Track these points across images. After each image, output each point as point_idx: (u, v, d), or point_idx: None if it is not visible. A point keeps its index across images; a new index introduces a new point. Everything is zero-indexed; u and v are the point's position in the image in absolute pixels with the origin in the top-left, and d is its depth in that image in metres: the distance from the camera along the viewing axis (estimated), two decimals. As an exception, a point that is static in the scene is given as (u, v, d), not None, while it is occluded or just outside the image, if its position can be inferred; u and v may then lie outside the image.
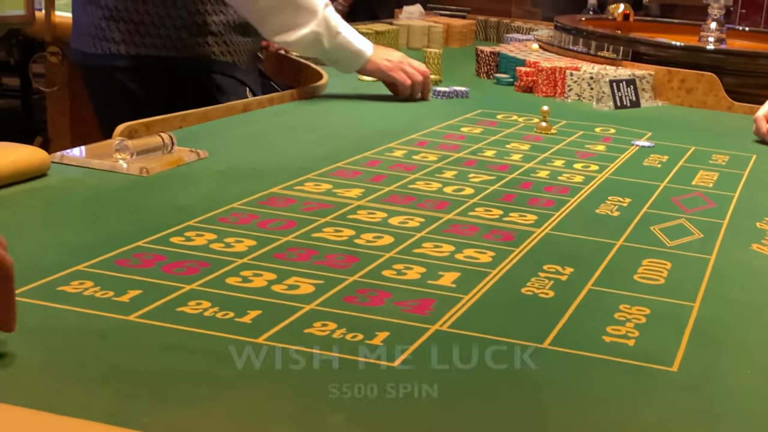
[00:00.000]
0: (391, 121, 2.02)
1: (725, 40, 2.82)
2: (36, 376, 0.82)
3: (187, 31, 2.10)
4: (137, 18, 2.08)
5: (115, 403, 0.79)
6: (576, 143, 1.92)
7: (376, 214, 1.33)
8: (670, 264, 1.22)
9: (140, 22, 2.08)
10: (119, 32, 2.08)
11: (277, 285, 1.05)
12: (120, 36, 2.09)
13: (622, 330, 1.00)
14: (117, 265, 1.07)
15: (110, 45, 2.09)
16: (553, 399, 0.85)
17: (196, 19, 2.10)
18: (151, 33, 2.08)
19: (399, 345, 0.92)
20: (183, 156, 1.52)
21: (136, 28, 2.08)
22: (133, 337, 0.91)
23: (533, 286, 1.11)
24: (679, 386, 0.90)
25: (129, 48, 2.09)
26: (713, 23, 2.81)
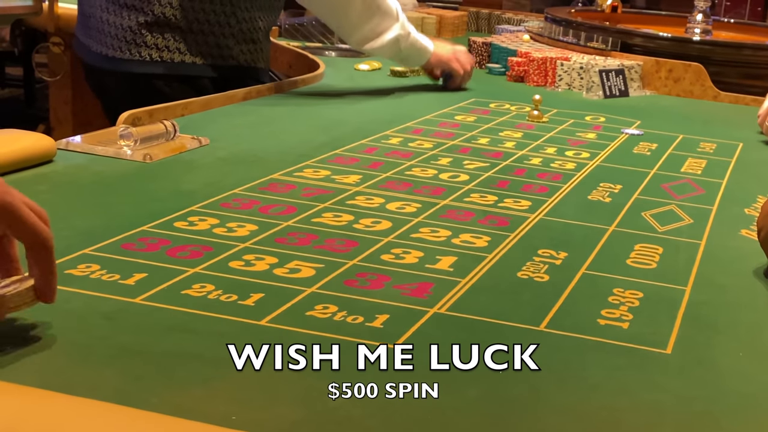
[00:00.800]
0: (386, 109, 2.01)
1: (711, 32, 2.81)
2: (45, 357, 0.81)
3: (234, 39, 2.01)
4: (185, 25, 1.95)
5: (123, 383, 0.78)
6: (567, 131, 1.91)
7: (374, 200, 1.32)
8: (662, 249, 1.22)
9: (188, 30, 1.96)
10: (162, 39, 1.95)
11: (279, 269, 1.04)
12: (163, 42, 1.95)
13: (617, 313, 1.00)
14: (123, 249, 1.06)
15: (150, 51, 1.96)
16: (550, 381, 0.85)
17: (243, 26, 2.02)
18: (198, 41, 1.97)
19: (398, 327, 0.91)
20: (185, 143, 1.51)
21: (183, 35, 1.96)
22: (139, 319, 0.90)
23: (528, 270, 1.10)
24: (672, 368, 0.89)
25: (173, 55, 1.96)
26: (699, 15, 2.80)
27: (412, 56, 2.23)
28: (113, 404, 0.72)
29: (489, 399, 0.81)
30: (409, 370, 0.83)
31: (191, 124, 1.65)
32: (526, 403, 0.81)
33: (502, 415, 0.79)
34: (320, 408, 0.77)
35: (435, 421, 0.77)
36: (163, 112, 1.65)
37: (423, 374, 0.83)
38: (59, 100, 3.31)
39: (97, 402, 0.72)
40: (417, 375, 0.82)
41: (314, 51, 2.63)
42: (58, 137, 1.47)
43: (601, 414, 0.80)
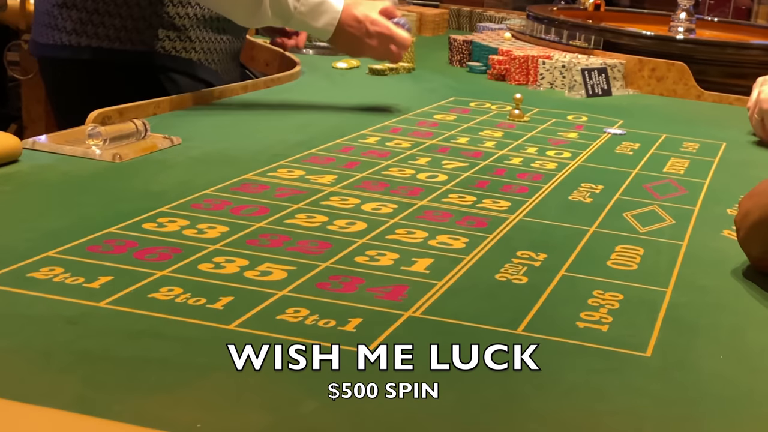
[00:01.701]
0: (364, 108, 2.00)
1: (695, 30, 2.81)
2: (3, 364, 0.80)
3: (145, 23, 1.91)
4: (91, 6, 1.88)
5: (85, 390, 0.76)
6: (549, 131, 1.90)
7: (349, 201, 1.31)
8: (643, 250, 1.21)
9: (94, 11, 1.88)
10: (71, 21, 1.89)
11: (250, 271, 1.03)
12: (71, 25, 1.90)
13: (596, 315, 0.99)
14: (88, 252, 1.05)
15: (61, 35, 1.91)
16: (527, 386, 0.84)
17: (156, 9, 1.91)
18: (105, 23, 1.89)
19: (372, 331, 0.90)
20: (156, 142, 1.50)
21: (89, 17, 1.89)
22: (104, 324, 0.88)
23: (507, 272, 1.09)
24: (652, 372, 0.88)
25: (80, 39, 1.90)
26: (683, 13, 2.80)
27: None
28: (72, 413, 0.70)
29: (465, 403, 0.80)
30: (382, 372, 0.82)
31: (163, 122, 1.64)
32: (501, 407, 0.80)
33: (476, 421, 0.78)
34: (290, 414, 0.76)
35: (410, 425, 0.75)
36: (134, 111, 1.64)
37: (396, 377, 0.81)
38: (32, 99, 3.29)
39: (55, 411, 0.71)
40: (389, 378, 0.81)
41: (292, 49, 2.61)
42: (31, 136, 1.45)
43: (579, 419, 0.79)
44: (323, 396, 0.78)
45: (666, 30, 2.82)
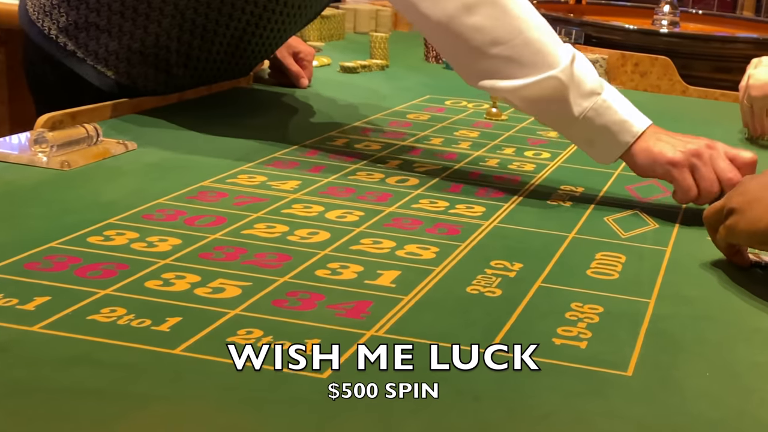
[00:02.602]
0: (334, 108, 1.95)
1: (679, 24, 2.78)
2: None
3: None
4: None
5: (13, 426, 0.71)
6: (527, 129, 1.86)
7: (313, 208, 1.25)
8: (625, 257, 1.16)
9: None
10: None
11: (201, 288, 0.97)
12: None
13: (574, 331, 0.94)
14: (25, 269, 0.99)
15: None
16: (499, 411, 0.78)
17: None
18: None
19: (328, 354, 0.84)
20: (109, 148, 1.44)
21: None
22: (36, 351, 0.83)
23: (479, 284, 1.04)
24: (633, 393, 0.83)
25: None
26: (666, 6, 2.78)
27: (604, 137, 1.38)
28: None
29: None
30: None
31: (119, 126, 1.58)
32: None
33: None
34: (235, 451, 0.70)
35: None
36: (89, 115, 1.57)
37: (357, 407, 0.76)
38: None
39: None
40: (350, 407, 0.76)
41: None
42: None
43: (555, 449, 0.74)
44: (277, 429, 0.73)
45: (649, 23, 2.79)
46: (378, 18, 3.09)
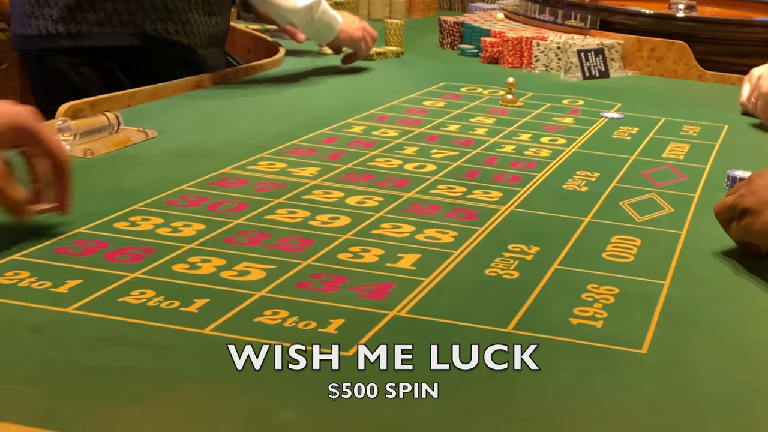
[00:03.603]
0: (349, 95, 1.99)
1: (695, 7, 2.80)
2: (-36, 376, 0.79)
3: (137, 3, 1.92)
4: None
5: (50, 403, 0.76)
6: (543, 116, 1.90)
7: (333, 194, 1.30)
8: (640, 240, 1.20)
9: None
10: (57, 9, 1.90)
11: (226, 271, 1.02)
12: (58, 13, 1.90)
13: (590, 311, 0.98)
14: (56, 254, 1.04)
15: (47, 24, 1.90)
16: (516, 387, 0.83)
17: None
18: (95, 7, 1.89)
19: (354, 332, 0.89)
20: (130, 136, 1.48)
21: (77, 2, 1.89)
22: (71, 331, 0.87)
23: (497, 266, 1.08)
24: (647, 370, 0.87)
25: (69, 26, 1.90)
26: (683, -11, 2.79)
27: (322, 30, 2.15)
28: (36, 428, 0.69)
29: (450, 408, 0.79)
30: (362, 377, 0.81)
31: (138, 115, 1.62)
32: (489, 412, 0.79)
33: (462, 424, 0.77)
34: (264, 424, 0.75)
35: None
36: (107, 103, 1.62)
37: (379, 383, 0.81)
38: (6, 90, 3.27)
39: (18, 426, 0.70)
40: (372, 384, 0.80)
41: (274, 34, 2.60)
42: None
43: (569, 421, 0.79)
44: (301, 403, 0.77)
45: (665, 8, 2.81)
46: (392, 4, 3.13)
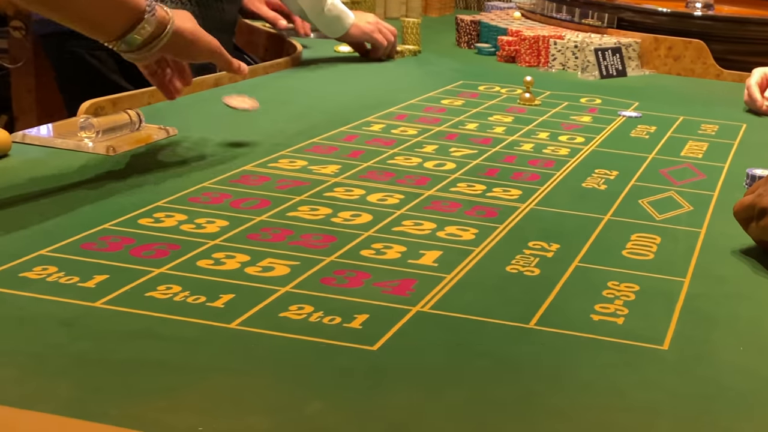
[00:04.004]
0: (367, 94, 2.01)
1: (713, 6, 2.81)
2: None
3: None
4: None
5: (80, 394, 0.77)
6: (561, 114, 1.91)
7: (354, 192, 1.31)
8: (660, 238, 1.21)
9: None
10: None
11: (251, 267, 1.04)
12: None
13: (611, 308, 0.99)
14: (82, 249, 1.06)
15: None
16: (540, 382, 0.84)
17: None
18: None
19: (379, 328, 0.91)
20: (152, 134, 1.50)
21: None
22: (99, 325, 0.89)
23: (518, 263, 1.10)
24: (669, 366, 0.89)
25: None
26: (701, -12, 2.80)
27: (333, 22, 2.30)
28: (67, 418, 0.71)
29: (476, 401, 0.80)
30: (389, 370, 0.83)
31: (158, 113, 1.64)
32: (514, 404, 0.80)
33: (490, 419, 0.78)
34: (292, 417, 0.76)
35: (417, 426, 0.76)
36: (128, 101, 1.64)
37: (404, 377, 0.82)
38: (22, 89, 3.28)
39: (49, 416, 0.71)
40: (398, 377, 0.82)
41: (291, 33, 2.62)
42: (22, 128, 1.46)
43: (594, 415, 0.80)
44: (329, 396, 0.79)
45: (683, 6, 2.81)
46: (408, 2, 3.14)
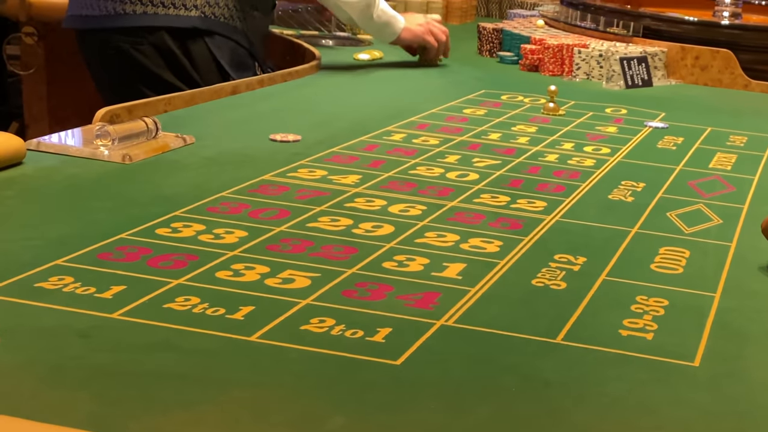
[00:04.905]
0: (388, 102, 2.01)
1: (741, 15, 2.80)
2: (12, 380, 0.80)
3: None
4: None
5: (99, 407, 0.77)
6: (586, 125, 1.91)
7: (375, 202, 1.31)
8: (689, 252, 1.21)
9: None
10: None
11: (271, 279, 1.04)
12: None
13: (640, 323, 0.99)
14: (99, 259, 1.06)
15: (107, 3, 2.01)
16: (567, 398, 0.84)
17: None
18: None
19: (402, 341, 0.90)
20: (168, 142, 1.51)
21: None
22: (117, 337, 0.89)
23: (544, 277, 1.10)
24: (700, 382, 0.88)
25: (133, 6, 2.00)
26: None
27: (383, 29, 2.34)
28: (86, 431, 0.71)
29: (501, 418, 0.80)
30: (413, 385, 0.83)
31: (175, 120, 1.65)
32: (541, 421, 0.80)
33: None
34: (316, 431, 0.76)
35: (441, 444, 0.76)
36: (144, 109, 1.65)
37: (428, 392, 0.82)
38: (33, 96, 3.30)
39: (67, 429, 0.71)
40: (422, 393, 0.82)
41: (310, 40, 2.63)
42: (34, 135, 1.47)
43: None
44: (351, 411, 0.79)
45: (710, 15, 2.81)
46: (429, 10, 3.14)
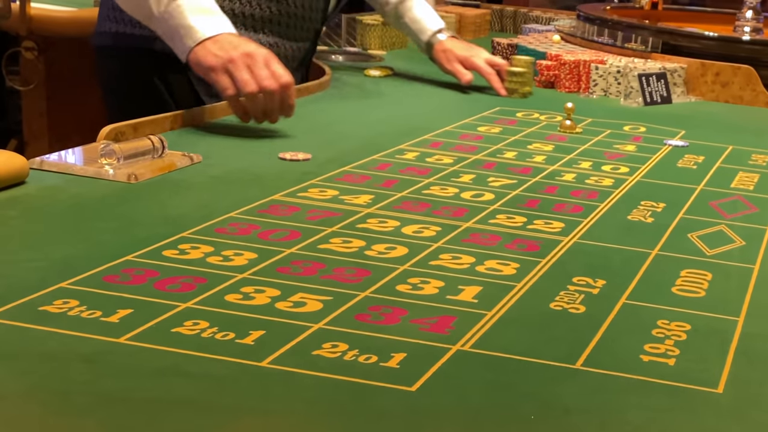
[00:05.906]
0: (400, 120, 2.01)
1: (762, 30, 2.81)
2: (17, 406, 0.81)
3: (249, 18, 1.99)
4: None
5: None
6: (604, 143, 1.91)
7: (388, 223, 1.32)
8: (711, 275, 1.21)
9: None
10: (104, 8, 1.99)
11: (282, 302, 1.04)
12: (105, 12, 2.00)
13: (661, 348, 0.99)
14: (104, 282, 1.06)
15: (103, 23, 2.01)
16: (588, 426, 0.84)
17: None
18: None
19: (417, 367, 0.90)
20: (175, 161, 1.51)
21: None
22: (124, 362, 0.89)
23: (562, 300, 1.10)
24: (724, 410, 0.88)
25: (113, 25, 1.99)
26: (749, 12, 2.80)
27: (412, 28, 2.47)
28: (95, 459, 0.71)
29: (519, 447, 0.80)
30: (428, 412, 0.83)
31: (181, 139, 1.65)
32: (560, 452, 0.80)
33: (534, 466, 0.78)
34: (328, 460, 0.76)
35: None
36: (150, 126, 1.65)
37: (444, 419, 0.82)
38: (33, 112, 3.31)
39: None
40: (438, 420, 0.82)
41: (320, 55, 2.63)
42: (33, 153, 1.47)
43: (646, 464, 0.80)
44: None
45: (731, 30, 2.81)
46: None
